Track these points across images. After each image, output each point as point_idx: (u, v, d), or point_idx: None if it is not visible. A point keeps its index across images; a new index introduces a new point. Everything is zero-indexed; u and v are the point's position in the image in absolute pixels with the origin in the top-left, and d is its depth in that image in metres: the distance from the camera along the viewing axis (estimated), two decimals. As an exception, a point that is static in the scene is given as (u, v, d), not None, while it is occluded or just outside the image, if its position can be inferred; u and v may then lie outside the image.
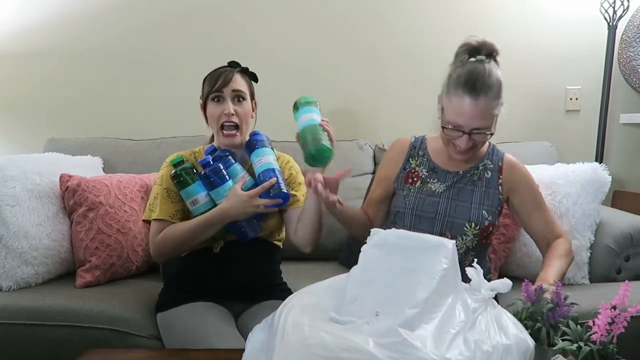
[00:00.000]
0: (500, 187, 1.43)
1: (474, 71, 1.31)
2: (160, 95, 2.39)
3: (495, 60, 1.36)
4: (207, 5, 2.35)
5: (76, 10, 2.35)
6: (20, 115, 2.40)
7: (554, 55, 2.37)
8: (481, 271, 0.98)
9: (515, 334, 0.89)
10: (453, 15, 2.35)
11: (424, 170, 1.46)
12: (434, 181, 1.44)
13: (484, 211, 1.39)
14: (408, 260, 0.93)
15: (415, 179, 1.46)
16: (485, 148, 1.47)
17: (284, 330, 0.89)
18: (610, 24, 2.23)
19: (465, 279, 0.98)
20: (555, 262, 1.33)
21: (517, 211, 1.46)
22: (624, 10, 2.20)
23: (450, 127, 1.34)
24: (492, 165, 1.44)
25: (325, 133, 1.31)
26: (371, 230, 1.03)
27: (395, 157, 1.52)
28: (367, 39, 2.37)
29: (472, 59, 1.35)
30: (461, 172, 1.43)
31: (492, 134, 1.35)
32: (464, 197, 1.41)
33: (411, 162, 1.49)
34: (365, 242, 1.02)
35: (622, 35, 2.31)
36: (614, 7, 2.21)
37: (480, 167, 1.44)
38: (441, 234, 1.38)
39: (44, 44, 2.36)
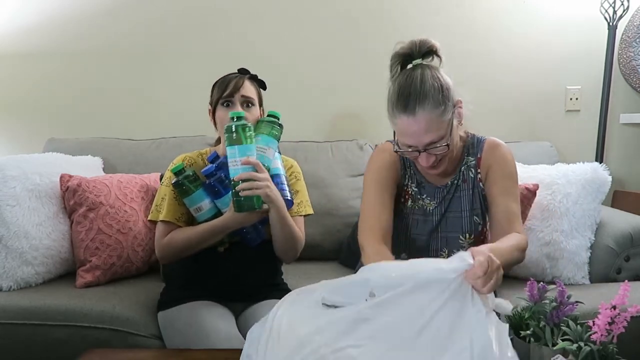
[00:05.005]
0: (480, 183, 1.36)
1: (404, 85, 1.20)
2: (160, 95, 2.39)
3: (438, 56, 1.25)
4: (207, 6, 2.35)
5: (76, 10, 2.35)
6: (20, 115, 2.40)
7: (554, 55, 2.37)
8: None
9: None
10: (453, 15, 2.35)
11: (412, 186, 1.38)
12: (424, 197, 1.37)
13: (475, 217, 1.34)
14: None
15: (406, 197, 1.38)
16: (461, 148, 1.36)
17: (280, 327, 0.90)
18: (610, 24, 2.23)
19: None
20: (508, 246, 1.17)
21: (486, 190, 1.34)
22: (624, 11, 2.20)
23: (403, 149, 1.25)
24: (473, 161, 1.36)
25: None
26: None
27: (391, 163, 1.37)
28: (367, 39, 2.37)
29: (409, 66, 1.24)
30: (449, 183, 1.36)
31: (447, 145, 1.22)
32: (454, 207, 1.35)
33: (402, 174, 1.39)
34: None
35: (622, 35, 2.31)
36: (614, 7, 2.21)
37: (463, 169, 1.36)
38: (437, 252, 1.34)
39: (44, 44, 2.36)
